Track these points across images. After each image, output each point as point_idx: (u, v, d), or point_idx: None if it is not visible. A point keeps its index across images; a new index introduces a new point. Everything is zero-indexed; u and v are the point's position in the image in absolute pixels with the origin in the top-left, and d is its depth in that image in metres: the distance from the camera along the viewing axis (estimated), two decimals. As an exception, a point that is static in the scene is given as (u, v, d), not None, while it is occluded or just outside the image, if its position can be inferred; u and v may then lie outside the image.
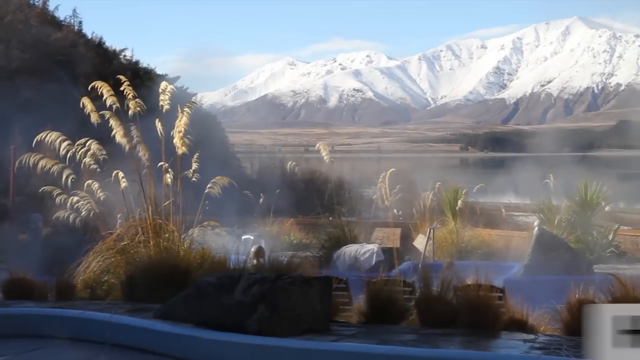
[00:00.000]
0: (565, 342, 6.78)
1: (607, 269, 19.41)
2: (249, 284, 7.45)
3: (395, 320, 8.04)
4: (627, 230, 26.75)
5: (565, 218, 25.12)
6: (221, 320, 7.31)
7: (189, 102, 12.21)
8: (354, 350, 6.73)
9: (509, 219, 31.89)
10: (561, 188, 31.59)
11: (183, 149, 11.61)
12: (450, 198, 27.73)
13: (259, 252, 14.20)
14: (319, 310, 7.60)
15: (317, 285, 7.72)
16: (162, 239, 10.99)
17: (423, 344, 6.92)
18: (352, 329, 7.69)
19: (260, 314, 7.16)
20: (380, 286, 8.33)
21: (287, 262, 9.05)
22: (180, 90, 39.53)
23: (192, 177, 11.94)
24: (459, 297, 7.82)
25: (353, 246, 20.06)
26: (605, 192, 26.06)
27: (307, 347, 6.82)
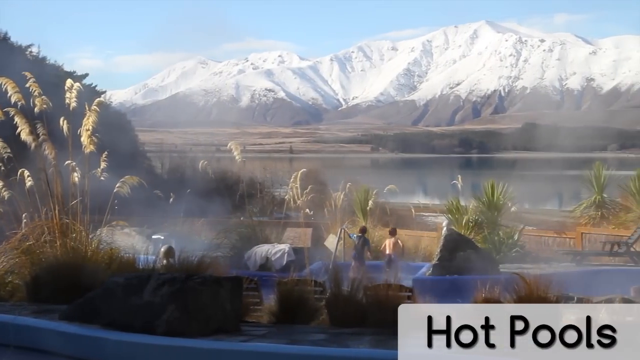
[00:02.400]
0: (472, 340, 6.89)
1: (512, 269, 19.87)
2: (159, 285, 7.36)
3: (306, 320, 8.06)
4: (531, 230, 27.42)
5: (472, 218, 25.62)
6: (130, 321, 7.21)
7: (96, 100, 11.98)
8: (264, 350, 6.72)
9: (418, 219, 32.37)
10: (469, 189, 32.25)
11: (91, 147, 11.40)
12: (361, 198, 28.02)
13: (169, 252, 14.03)
14: (229, 311, 7.56)
15: (228, 285, 7.68)
16: (69, 239, 10.77)
17: (333, 343, 6.95)
18: (263, 329, 7.68)
19: (170, 314, 7.09)
20: (291, 286, 8.35)
21: (198, 262, 8.98)
22: (89, 88, 38.78)
23: (100, 176, 11.73)
24: (368, 296, 7.89)
25: (264, 246, 20.05)
26: (511, 193, 26.68)
27: (217, 347, 6.78)
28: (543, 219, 37.64)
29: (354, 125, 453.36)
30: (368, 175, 68.16)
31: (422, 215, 34.90)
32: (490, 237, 23.89)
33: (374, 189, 30.42)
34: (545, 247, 25.52)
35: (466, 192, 30.62)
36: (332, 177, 41.23)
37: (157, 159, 44.12)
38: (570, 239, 25.47)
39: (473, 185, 36.64)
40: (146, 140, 63.48)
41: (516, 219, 27.55)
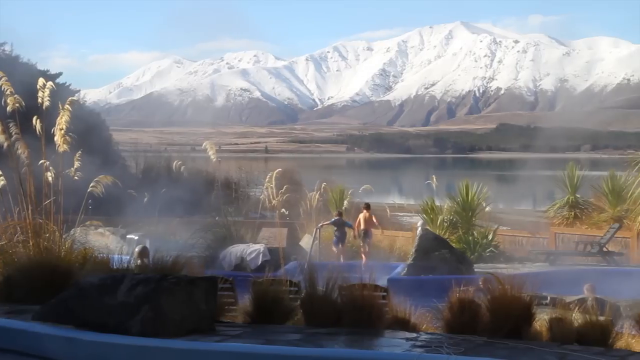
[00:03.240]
0: (445, 340, 6.93)
1: (486, 269, 19.99)
2: (133, 285, 7.33)
3: (281, 320, 8.06)
4: (505, 230, 27.60)
5: (447, 218, 25.76)
6: (103, 322, 7.17)
7: (70, 99, 11.88)
8: (239, 350, 6.71)
9: (393, 219, 32.45)
10: (443, 189, 32.38)
11: (64, 146, 11.32)
12: (336, 198, 28.07)
13: (143, 252, 13.99)
14: (204, 311, 7.54)
15: (202, 285, 7.66)
16: (42, 239, 10.69)
17: (308, 343, 6.95)
18: (238, 329, 7.66)
19: (144, 314, 7.06)
20: (266, 286, 8.33)
21: (172, 263, 8.94)
22: (63, 87, 38.51)
23: (74, 175, 11.65)
24: (343, 296, 7.90)
25: (239, 246, 20.03)
26: (486, 193, 26.85)
27: (191, 347, 6.77)
28: (517, 219, 37.85)
29: (329, 125, 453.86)
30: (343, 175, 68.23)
31: (397, 215, 35.00)
32: (465, 237, 24.03)
33: (349, 189, 30.51)
34: (519, 247, 25.70)
35: (441, 192, 30.76)
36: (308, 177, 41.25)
37: (131, 159, 43.84)
38: (544, 239, 25.66)
39: (448, 185, 36.79)
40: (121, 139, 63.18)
41: (490, 219, 27.74)
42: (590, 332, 7.12)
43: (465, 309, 7.50)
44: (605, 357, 6.43)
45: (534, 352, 6.55)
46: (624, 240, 23.69)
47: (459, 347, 6.61)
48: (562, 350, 6.67)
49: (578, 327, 7.22)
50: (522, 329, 7.21)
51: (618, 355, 6.57)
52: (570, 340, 7.05)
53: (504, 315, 7.24)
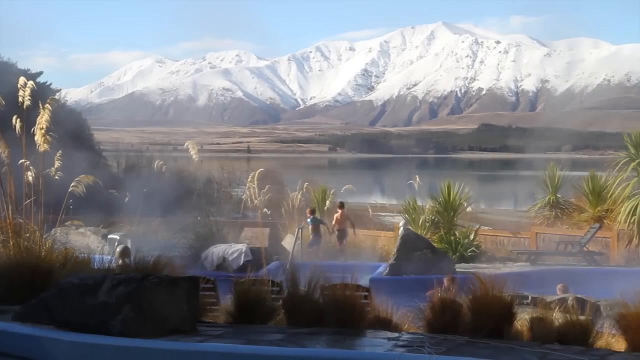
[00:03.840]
0: (427, 340, 6.95)
1: (468, 268, 20.06)
2: (114, 285, 7.31)
3: (263, 320, 8.05)
4: (487, 230, 27.68)
5: (429, 218, 25.80)
6: (84, 322, 7.14)
7: (50, 98, 11.81)
8: (221, 350, 6.70)
9: (375, 219, 32.47)
10: (425, 189, 32.42)
11: (45, 146, 11.25)
12: (318, 198, 28.05)
13: (125, 252, 13.92)
14: (185, 311, 7.53)
15: (184, 285, 7.65)
16: (22, 239, 10.62)
17: (290, 343, 6.95)
18: (220, 329, 7.65)
19: (125, 314, 7.04)
20: (248, 286, 8.32)
21: (154, 262, 8.92)
22: (43, 86, 38.29)
23: (54, 175, 11.59)
24: (325, 296, 7.91)
25: (221, 246, 19.98)
26: (467, 193, 26.91)
27: (172, 347, 6.75)
28: (498, 219, 37.99)
29: (311, 125, 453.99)
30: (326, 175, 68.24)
31: (379, 215, 35.02)
32: (447, 237, 24.07)
33: (331, 189, 30.51)
34: (500, 247, 25.78)
35: (423, 192, 30.79)
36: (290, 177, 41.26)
37: (113, 158, 43.67)
38: (525, 238, 25.76)
39: (430, 185, 36.86)
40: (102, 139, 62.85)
41: (472, 219, 27.81)
42: (570, 332, 7.16)
43: (446, 309, 7.52)
44: (586, 356, 6.46)
45: (515, 352, 6.58)
46: (604, 240, 23.82)
47: (440, 346, 6.63)
48: (542, 349, 6.70)
49: (559, 327, 7.26)
50: (503, 329, 7.24)
51: (598, 355, 6.61)
52: (551, 340, 7.09)
53: (485, 314, 7.27)
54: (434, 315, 7.58)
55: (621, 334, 7.19)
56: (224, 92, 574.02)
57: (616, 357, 6.63)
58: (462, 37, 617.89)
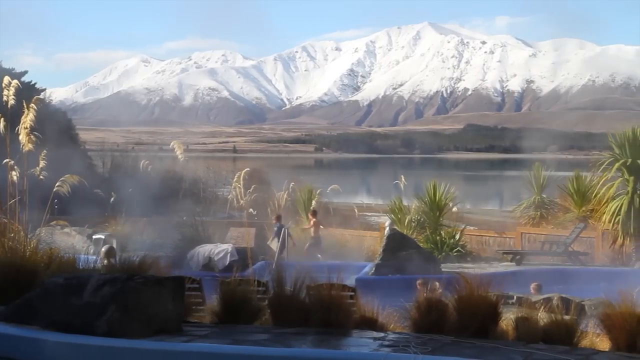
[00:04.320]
0: (413, 340, 6.96)
1: (454, 268, 20.12)
2: (99, 285, 7.28)
3: (249, 320, 8.04)
4: (472, 230, 27.76)
5: (415, 218, 25.86)
6: (69, 322, 7.11)
7: (35, 97, 11.77)
8: (206, 350, 6.69)
9: (361, 219, 32.51)
10: (411, 189, 32.50)
11: (29, 145, 11.21)
12: (304, 198, 28.07)
13: (110, 252, 13.89)
14: (171, 311, 7.51)
15: (170, 285, 7.63)
16: (6, 239, 10.56)
17: (275, 343, 6.95)
18: (205, 329, 7.64)
19: (110, 314, 7.01)
20: (233, 286, 8.31)
21: (139, 262, 8.89)
22: (28, 86, 38.13)
23: (39, 175, 11.54)
24: (311, 296, 7.90)
25: (207, 246, 19.98)
26: (453, 193, 27.00)
27: (158, 347, 6.73)
28: (484, 219, 38.14)
29: (297, 125, 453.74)
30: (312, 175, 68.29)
31: (365, 215, 35.07)
32: (432, 237, 24.13)
33: (317, 189, 30.52)
34: (486, 247, 25.87)
35: (409, 192, 30.86)
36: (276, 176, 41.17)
37: (98, 158, 43.52)
38: (510, 238, 25.85)
39: (415, 185, 36.95)
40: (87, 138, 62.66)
41: (457, 219, 27.88)
42: (555, 331, 7.18)
43: (432, 309, 7.54)
44: (570, 355, 6.49)
45: (500, 351, 6.59)
46: (589, 240, 23.94)
47: (426, 346, 6.64)
48: (527, 349, 6.73)
49: (543, 326, 7.28)
50: (488, 328, 7.26)
51: (583, 354, 6.64)
52: (536, 339, 7.12)
53: (470, 314, 7.29)
54: (420, 315, 7.59)
55: (605, 334, 7.22)
56: (210, 91, 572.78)
57: (600, 356, 6.66)
58: (448, 38, 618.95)
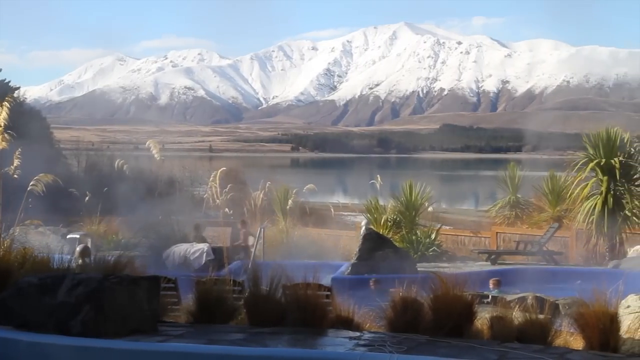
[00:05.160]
0: (389, 339, 6.98)
1: (429, 267, 20.17)
2: (74, 284, 7.24)
3: (225, 320, 8.03)
4: (448, 230, 27.85)
5: (391, 218, 25.90)
6: (43, 322, 7.07)
7: (8, 95, 11.68)
8: (182, 350, 6.67)
9: (337, 218, 32.50)
10: (387, 189, 32.56)
11: (3, 144, 11.12)
12: (280, 198, 28.00)
13: (85, 252, 13.80)
14: (146, 311, 7.48)
15: (145, 285, 7.60)
16: (-20, 239, 10.49)
17: (251, 342, 6.95)
18: (181, 329, 7.62)
19: (85, 314, 6.98)
20: (209, 286, 8.29)
21: (114, 262, 8.84)
22: (1, 84, 37.82)
23: (13, 173, 11.46)
24: (287, 296, 7.91)
25: (183, 245, 19.90)
26: (429, 193, 27.06)
27: (133, 347, 6.71)
28: (459, 218, 38.26)
29: (274, 124, 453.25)
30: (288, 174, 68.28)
31: (341, 215, 35.07)
32: (408, 236, 24.18)
33: (293, 189, 30.44)
34: (461, 247, 25.97)
35: (385, 192, 30.90)
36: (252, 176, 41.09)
37: (73, 157, 43.21)
38: (486, 238, 25.97)
39: (392, 185, 37.02)
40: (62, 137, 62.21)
41: (433, 219, 27.94)
42: (530, 330, 7.23)
43: (407, 308, 7.56)
44: (545, 354, 6.53)
45: (475, 350, 6.63)
46: (563, 239, 24.11)
47: (401, 345, 6.66)
48: (502, 348, 6.76)
49: (518, 325, 7.33)
50: (463, 328, 7.30)
51: (557, 353, 6.69)
52: (511, 338, 7.16)
53: (445, 313, 7.32)
54: (395, 315, 7.61)
55: (579, 333, 7.28)
56: (186, 90, 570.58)
57: (574, 355, 6.71)
58: (424, 38, 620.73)
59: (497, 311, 7.68)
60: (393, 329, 7.54)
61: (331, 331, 7.56)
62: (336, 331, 7.56)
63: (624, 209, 21.55)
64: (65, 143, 55.53)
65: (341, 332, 7.54)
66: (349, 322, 8.00)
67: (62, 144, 48.80)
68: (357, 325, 8.07)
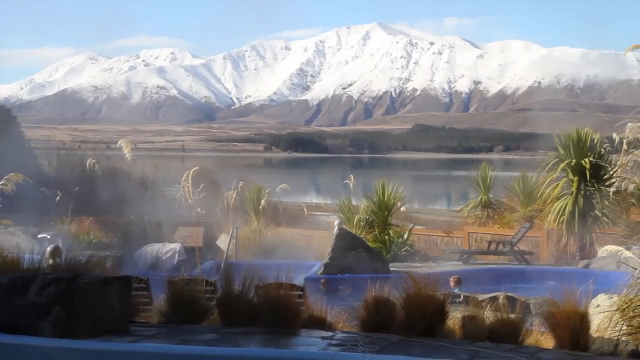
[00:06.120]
0: (361, 339, 6.99)
1: (402, 267, 20.23)
2: (44, 285, 7.18)
3: (197, 320, 8.00)
4: (420, 229, 27.96)
5: (363, 218, 25.95)
6: (13, 323, 7.01)
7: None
8: (153, 350, 6.65)
9: (310, 218, 32.53)
10: (360, 188, 32.62)
11: (-27, 143, 11.02)
12: (253, 197, 27.98)
13: (56, 252, 13.69)
14: (118, 311, 7.44)
15: (117, 285, 7.56)
16: (-52, 239, 10.37)
17: (223, 343, 6.93)
18: (152, 329, 7.58)
19: (56, 315, 6.93)
20: (181, 286, 8.26)
21: (86, 262, 8.79)
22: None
23: (-17, 173, 11.35)
24: (260, 295, 7.89)
25: (155, 245, 19.82)
26: (401, 193, 27.15)
27: (104, 348, 6.67)
28: (432, 218, 38.42)
29: (247, 124, 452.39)
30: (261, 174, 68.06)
31: (314, 215, 35.08)
32: (381, 236, 24.23)
33: (266, 188, 30.43)
34: (433, 246, 26.09)
35: (358, 192, 30.96)
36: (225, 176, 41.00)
37: (44, 156, 42.87)
38: (458, 238, 26.11)
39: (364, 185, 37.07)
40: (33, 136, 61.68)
41: (406, 219, 28.04)
42: (501, 330, 7.27)
43: (380, 308, 7.58)
44: (516, 353, 6.57)
45: (447, 350, 6.66)
46: (534, 239, 24.29)
47: (373, 345, 6.67)
48: (474, 347, 6.80)
49: (490, 325, 7.37)
50: (435, 327, 7.32)
51: (527, 352, 6.73)
52: (482, 338, 7.20)
53: (418, 313, 7.34)
54: (368, 314, 7.63)
55: (550, 332, 7.33)
56: (158, 90, 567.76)
57: (545, 354, 6.76)
58: (397, 38, 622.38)
59: (469, 311, 7.72)
60: (365, 329, 7.56)
61: (304, 331, 7.56)
62: (309, 331, 7.57)
63: (594, 209, 21.73)
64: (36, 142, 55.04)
65: (314, 332, 7.54)
66: (321, 322, 8.00)
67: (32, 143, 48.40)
68: (330, 325, 8.08)
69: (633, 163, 21.09)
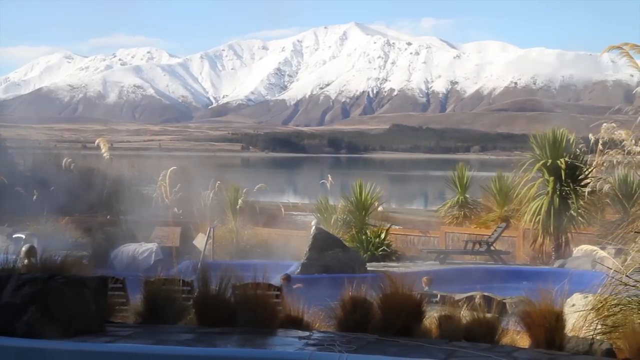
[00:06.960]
0: (338, 338, 6.99)
1: (379, 267, 20.29)
2: (19, 285, 7.13)
3: (173, 320, 7.97)
4: (398, 229, 28.03)
5: (341, 217, 25.99)
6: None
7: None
8: (129, 350, 6.61)
9: (287, 218, 32.50)
10: (338, 188, 32.67)
11: (-53, 142, 10.92)
12: (230, 197, 27.92)
13: (31, 252, 13.60)
14: (93, 311, 7.39)
15: (92, 285, 7.51)
16: None
17: (200, 343, 6.91)
18: (128, 330, 7.54)
19: (31, 315, 6.88)
20: (158, 285, 8.22)
21: (61, 262, 8.72)
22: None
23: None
24: (237, 296, 7.87)
25: (131, 245, 19.77)
26: (379, 193, 27.21)
27: (79, 348, 6.63)
28: (409, 218, 38.50)
29: (224, 123, 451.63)
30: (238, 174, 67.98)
31: (291, 214, 35.06)
32: (358, 236, 24.28)
33: (243, 188, 30.39)
34: (410, 246, 26.16)
35: (335, 192, 31.01)
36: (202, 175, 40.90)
37: (19, 156, 42.57)
38: (435, 238, 26.20)
39: (342, 185, 37.15)
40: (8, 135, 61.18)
41: (383, 219, 28.10)
42: (477, 329, 7.29)
43: (357, 308, 7.58)
44: (492, 352, 6.60)
45: (424, 349, 6.67)
46: (510, 239, 24.44)
47: (350, 345, 6.68)
48: (450, 346, 6.81)
49: (466, 324, 7.39)
50: (412, 327, 7.34)
51: (503, 351, 6.76)
52: (459, 337, 7.22)
53: (395, 313, 7.35)
54: (345, 314, 7.63)
55: (526, 331, 7.37)
56: (135, 89, 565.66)
57: (520, 353, 6.80)
58: (374, 38, 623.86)
59: (446, 310, 7.75)
60: (342, 329, 7.56)
61: (281, 331, 7.55)
62: (286, 331, 7.56)
63: (570, 209, 21.89)
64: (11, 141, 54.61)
65: (291, 331, 7.53)
66: (298, 321, 8.00)
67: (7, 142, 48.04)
68: (307, 325, 8.07)
69: (608, 163, 21.26)
